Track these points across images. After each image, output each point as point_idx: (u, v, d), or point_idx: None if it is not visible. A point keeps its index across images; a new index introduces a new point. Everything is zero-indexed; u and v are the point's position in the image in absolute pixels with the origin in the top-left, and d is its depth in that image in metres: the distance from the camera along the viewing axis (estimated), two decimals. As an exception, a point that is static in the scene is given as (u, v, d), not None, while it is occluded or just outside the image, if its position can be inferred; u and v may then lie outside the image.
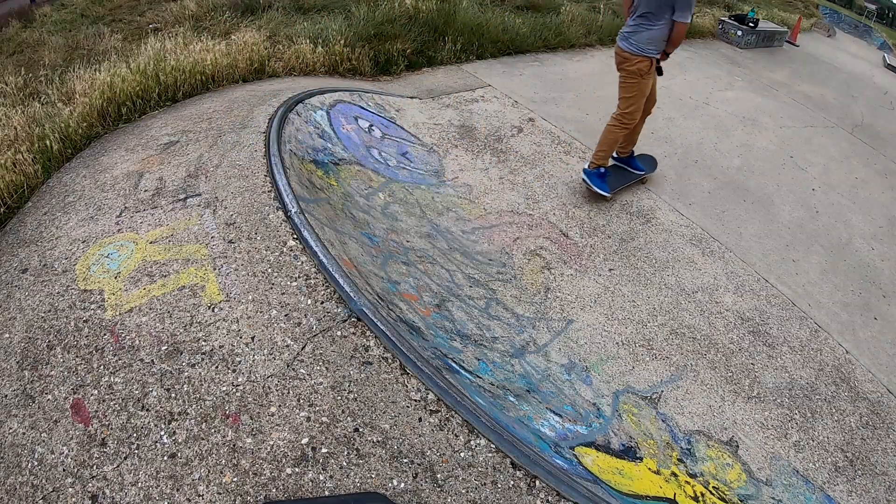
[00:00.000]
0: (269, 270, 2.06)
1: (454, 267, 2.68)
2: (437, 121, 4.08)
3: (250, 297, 1.94)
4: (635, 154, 3.92)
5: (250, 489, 1.45)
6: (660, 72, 3.35)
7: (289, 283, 2.02)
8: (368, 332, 1.90)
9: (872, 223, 4.39)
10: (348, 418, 1.64)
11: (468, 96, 4.61)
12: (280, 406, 1.64)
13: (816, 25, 15.38)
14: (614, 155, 3.87)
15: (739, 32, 9.43)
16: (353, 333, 1.89)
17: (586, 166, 3.60)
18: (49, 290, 1.96)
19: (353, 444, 1.59)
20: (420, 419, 1.71)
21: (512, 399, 2.03)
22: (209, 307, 1.90)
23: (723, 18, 9.85)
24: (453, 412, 1.74)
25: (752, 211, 4.05)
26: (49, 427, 1.56)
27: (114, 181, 2.56)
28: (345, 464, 1.54)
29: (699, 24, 9.35)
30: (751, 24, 9.40)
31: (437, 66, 5.26)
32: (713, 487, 2.04)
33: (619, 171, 3.87)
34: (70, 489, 1.43)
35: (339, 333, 1.88)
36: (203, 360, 1.73)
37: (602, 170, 3.55)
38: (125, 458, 1.49)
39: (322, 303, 1.96)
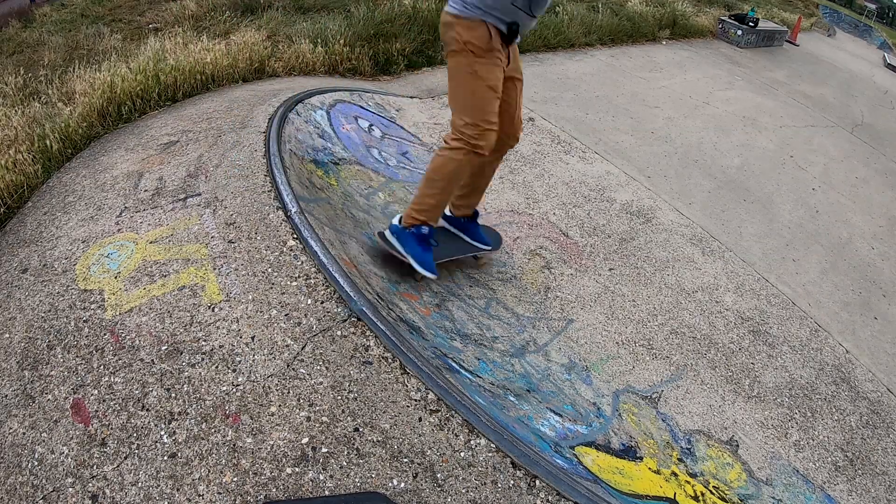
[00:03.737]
0: (269, 270, 2.06)
1: (454, 266, 2.68)
2: (438, 120, 4.08)
3: (250, 297, 1.94)
4: None
5: (250, 489, 1.45)
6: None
7: (289, 282, 2.02)
8: (368, 332, 1.90)
9: (872, 223, 4.39)
10: (348, 418, 1.64)
11: (468, 96, 4.60)
12: (280, 406, 1.64)
13: (816, 25, 15.40)
14: None
15: (739, 32, 9.43)
16: (353, 333, 1.89)
17: None
18: (49, 290, 1.96)
19: (354, 444, 1.59)
20: (420, 419, 1.71)
21: (512, 399, 2.03)
22: (209, 307, 1.90)
23: (723, 18, 9.85)
24: (453, 412, 1.74)
25: (752, 210, 4.05)
26: (49, 427, 1.55)
27: (114, 181, 2.56)
28: (345, 463, 1.54)
29: (699, 23, 9.35)
30: (751, 24, 9.40)
31: (437, 65, 5.26)
32: (713, 487, 2.04)
33: None
34: (70, 489, 1.43)
35: (339, 333, 1.88)
36: (203, 359, 1.73)
37: None
38: (125, 458, 1.49)
39: (322, 302, 1.96)
